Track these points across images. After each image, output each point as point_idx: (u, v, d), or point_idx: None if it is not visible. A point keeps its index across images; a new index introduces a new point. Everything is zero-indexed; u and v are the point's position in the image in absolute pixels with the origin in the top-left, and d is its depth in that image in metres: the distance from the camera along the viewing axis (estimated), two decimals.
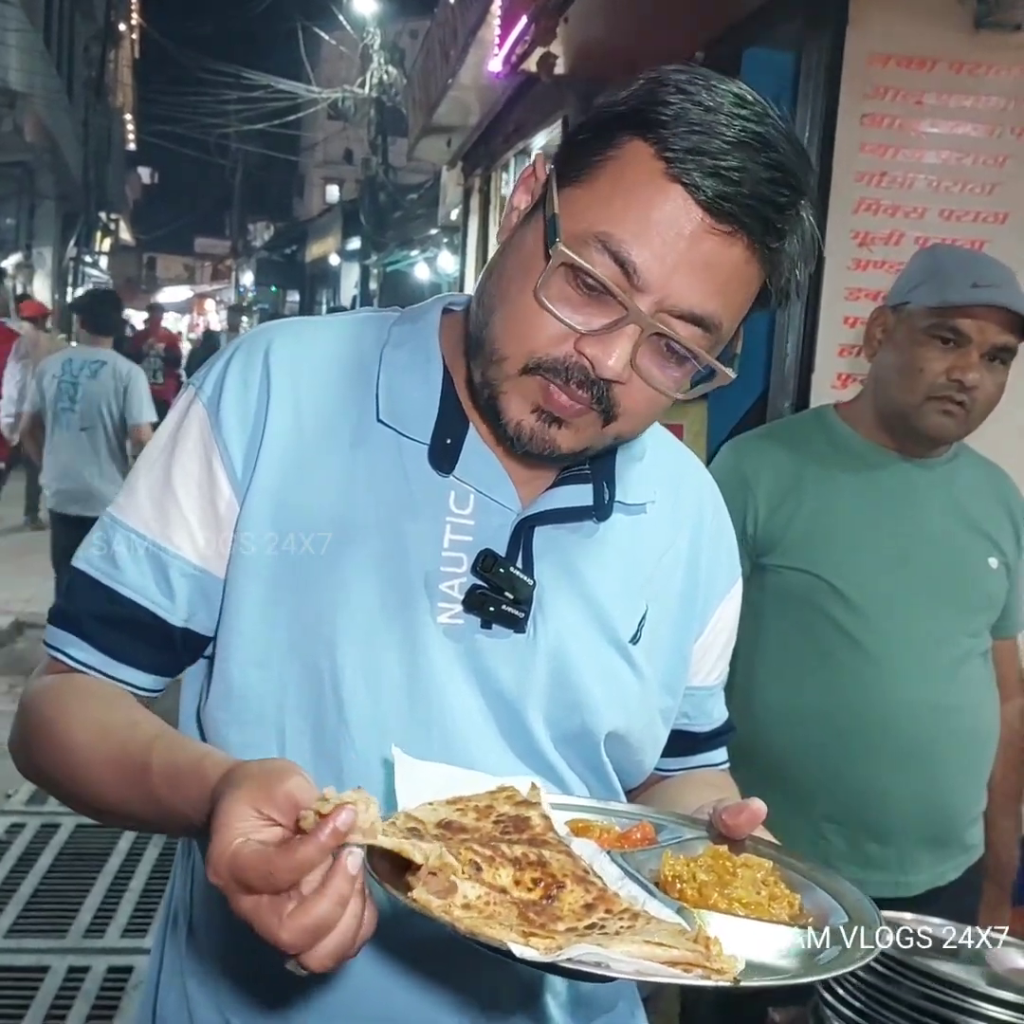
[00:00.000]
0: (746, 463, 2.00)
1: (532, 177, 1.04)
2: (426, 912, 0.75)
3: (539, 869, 0.82)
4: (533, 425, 1.00)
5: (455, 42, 8.27)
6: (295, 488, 1.05)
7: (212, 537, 1.06)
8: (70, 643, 1.08)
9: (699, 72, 0.96)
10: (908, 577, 1.93)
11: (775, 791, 1.82)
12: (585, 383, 0.97)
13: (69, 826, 4.37)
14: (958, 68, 3.26)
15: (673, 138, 0.92)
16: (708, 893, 0.87)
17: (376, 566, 1.04)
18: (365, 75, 21.15)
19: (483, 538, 1.06)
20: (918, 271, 1.96)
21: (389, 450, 1.06)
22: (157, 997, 1.16)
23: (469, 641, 1.05)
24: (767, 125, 0.94)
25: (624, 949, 0.73)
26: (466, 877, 0.78)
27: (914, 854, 1.94)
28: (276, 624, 1.04)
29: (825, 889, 0.92)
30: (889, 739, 1.89)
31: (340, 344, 1.11)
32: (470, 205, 12.00)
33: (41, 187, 19.58)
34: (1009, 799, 2.12)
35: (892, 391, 1.94)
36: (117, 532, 1.09)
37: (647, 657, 1.14)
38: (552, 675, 1.08)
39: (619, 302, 0.94)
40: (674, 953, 0.74)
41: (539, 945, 0.73)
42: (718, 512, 1.25)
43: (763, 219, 0.93)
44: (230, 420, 1.06)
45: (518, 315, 0.98)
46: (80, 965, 3.45)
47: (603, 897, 0.81)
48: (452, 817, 0.88)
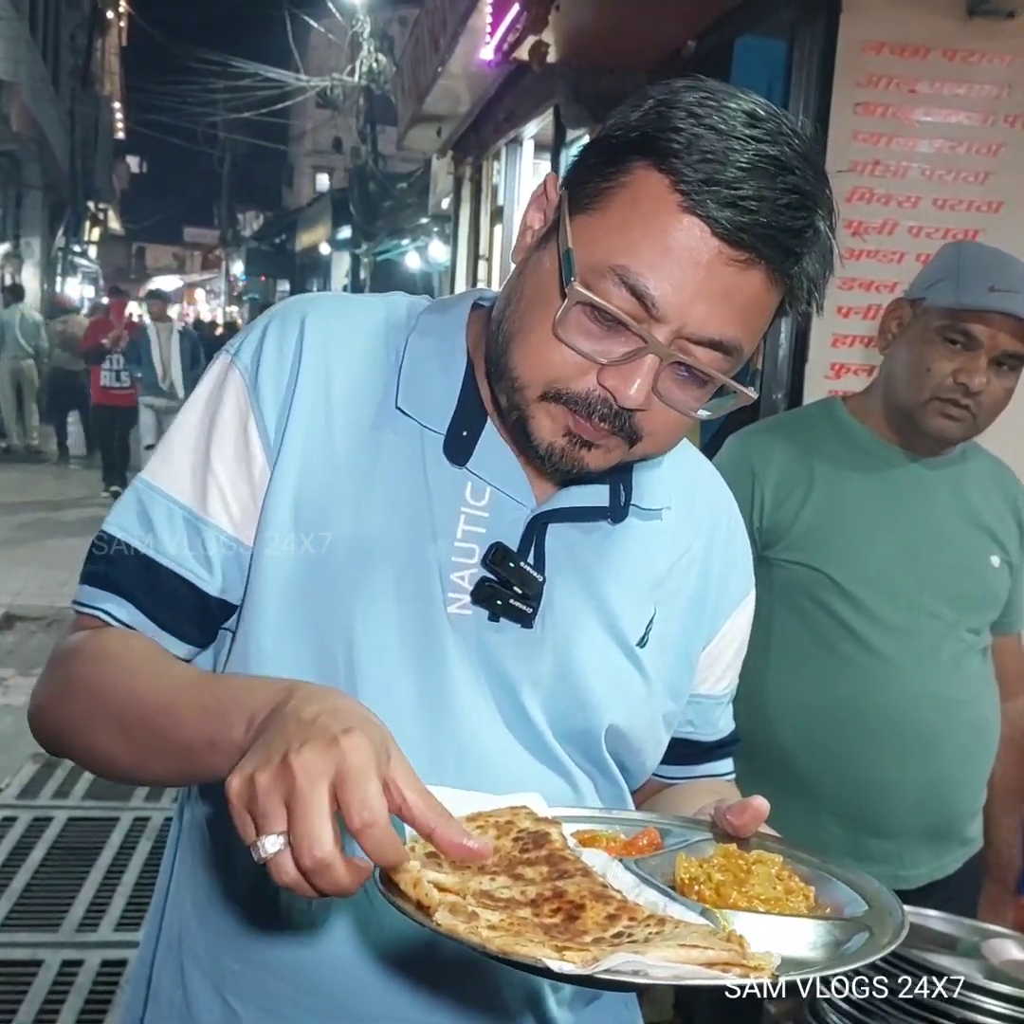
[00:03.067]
0: (754, 455, 1.99)
1: (544, 197, 1.03)
2: (453, 936, 0.74)
3: (556, 900, 0.81)
4: (564, 446, 1.01)
5: (445, 30, 8.23)
6: (317, 468, 1.05)
7: (246, 505, 1.06)
8: (109, 600, 1.06)
9: (709, 90, 0.95)
10: (912, 574, 1.92)
11: (777, 783, 1.83)
12: (608, 416, 0.98)
13: (61, 819, 4.35)
14: (951, 56, 3.26)
15: (687, 169, 0.91)
16: (727, 892, 0.87)
17: (392, 552, 1.04)
18: (354, 63, 21.04)
19: (496, 531, 1.06)
20: (939, 267, 1.94)
21: (411, 436, 1.07)
22: (152, 974, 1.16)
23: (475, 633, 1.05)
24: (781, 145, 0.93)
25: (661, 954, 0.72)
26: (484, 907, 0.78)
27: (914, 847, 1.94)
28: (294, 601, 1.04)
29: (840, 879, 0.92)
30: (891, 733, 1.89)
31: (370, 326, 1.11)
32: (461, 194, 11.97)
33: (28, 177, 19.50)
34: (1011, 796, 2.11)
35: (899, 388, 1.93)
36: (154, 500, 1.07)
37: (653, 661, 1.13)
38: (556, 672, 1.07)
39: (636, 334, 0.94)
40: (710, 954, 0.73)
41: (575, 958, 0.72)
42: (733, 521, 1.24)
43: (782, 247, 0.93)
44: (267, 386, 1.06)
45: (537, 347, 0.99)
46: (73, 959, 3.43)
47: (624, 907, 0.80)
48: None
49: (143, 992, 1.17)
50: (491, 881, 0.83)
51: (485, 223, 10.72)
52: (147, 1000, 1.16)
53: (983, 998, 1.28)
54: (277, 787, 0.76)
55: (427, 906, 0.77)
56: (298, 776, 0.76)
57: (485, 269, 10.53)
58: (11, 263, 17.57)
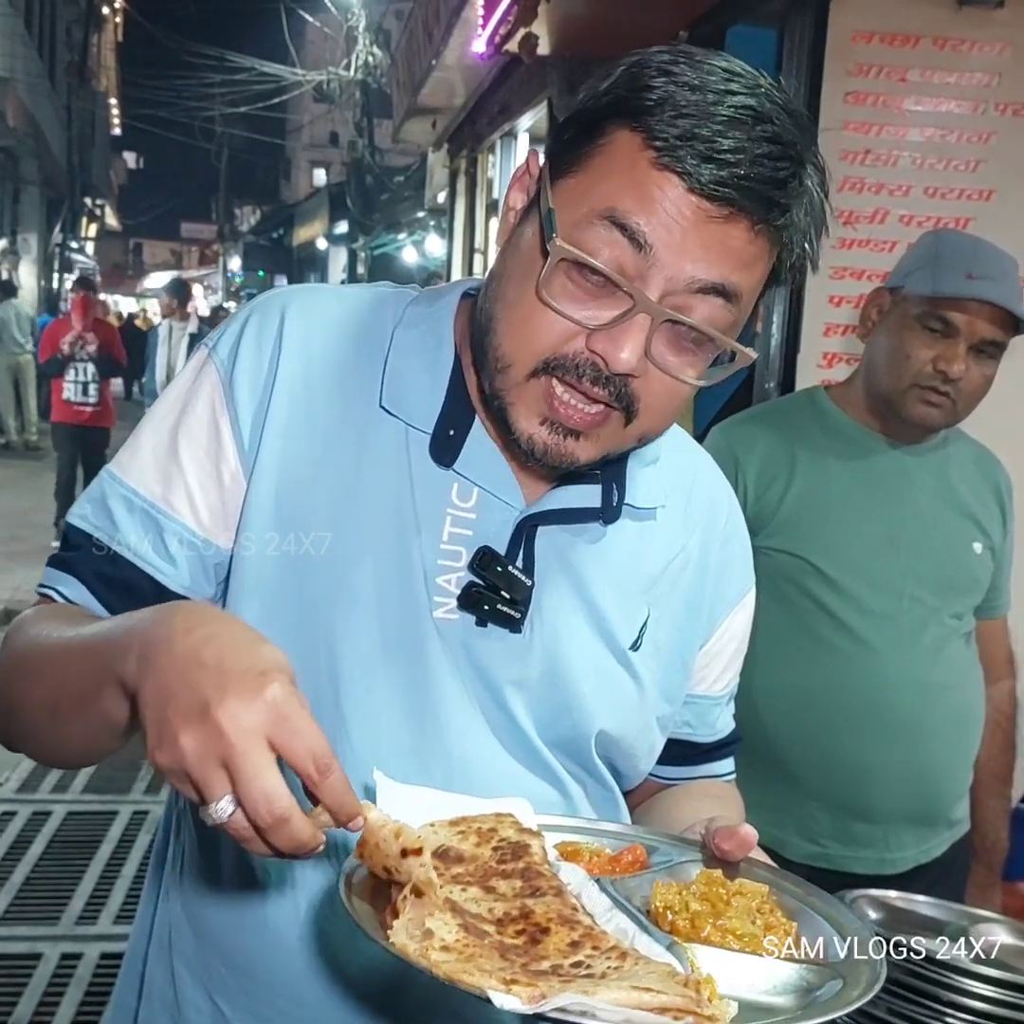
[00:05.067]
0: (737, 444, 2.00)
1: (526, 175, 1.00)
2: (403, 956, 0.72)
3: (522, 921, 0.79)
4: (546, 439, 0.96)
5: (438, 22, 8.22)
6: (299, 469, 1.02)
7: (215, 506, 1.03)
8: (63, 582, 1.04)
9: (682, 50, 0.91)
10: (894, 560, 1.94)
11: (764, 769, 1.85)
12: (599, 380, 0.92)
13: (60, 813, 4.38)
14: (942, 45, 3.25)
15: (660, 125, 0.88)
16: (701, 924, 0.84)
17: (376, 555, 1.01)
18: (350, 57, 21.00)
19: (483, 534, 1.02)
20: (918, 256, 1.95)
21: (395, 435, 1.03)
22: (145, 972, 1.15)
23: (461, 638, 1.02)
24: (759, 96, 0.89)
25: (612, 996, 0.69)
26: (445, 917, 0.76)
27: (899, 831, 1.95)
28: (275, 605, 1.02)
29: (822, 915, 0.89)
30: (874, 717, 1.90)
31: (354, 320, 1.07)
32: (456, 187, 11.96)
33: (25, 172, 19.48)
34: (996, 779, 2.13)
35: (880, 375, 1.94)
36: (116, 490, 1.05)
37: (647, 664, 1.11)
38: (545, 678, 1.05)
39: (625, 292, 0.90)
40: (663, 999, 0.69)
41: (521, 994, 0.69)
42: (732, 517, 1.21)
43: (764, 198, 0.89)
44: (243, 385, 1.03)
45: (521, 317, 0.94)
46: (73, 952, 3.46)
47: (590, 935, 0.78)
48: (452, 843, 0.85)
49: (136, 987, 1.16)
50: (462, 892, 0.81)
51: (480, 216, 10.72)
52: (140, 995, 1.15)
53: (970, 981, 1.28)
54: (211, 750, 0.73)
55: (416, 849, 0.76)
56: (232, 736, 0.73)
57: (480, 262, 10.52)
58: (8, 259, 17.55)
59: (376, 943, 0.74)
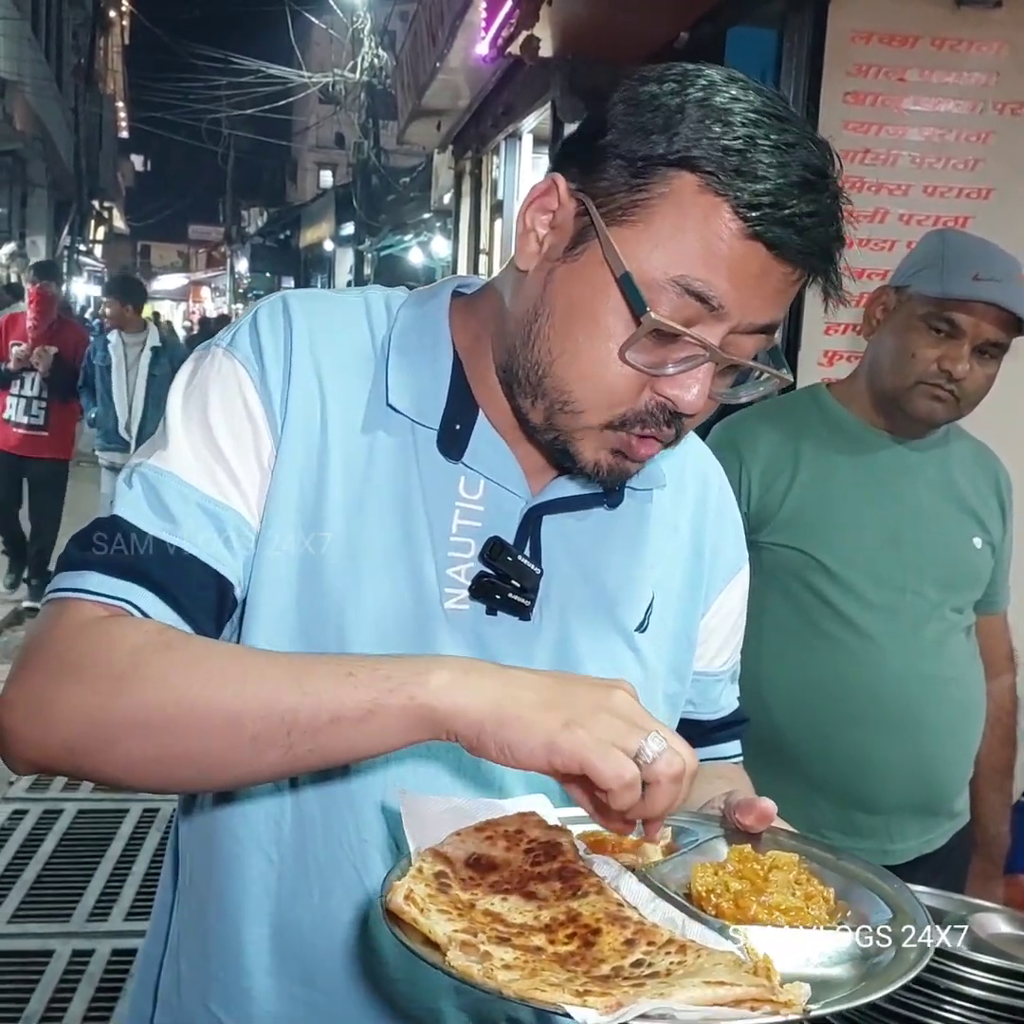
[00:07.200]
0: (741, 441, 2.02)
1: (549, 198, 1.00)
2: (467, 979, 0.70)
3: (571, 925, 0.78)
4: (611, 462, 1.02)
5: (442, 25, 8.25)
6: (314, 464, 1.03)
7: (259, 495, 1.03)
8: (130, 590, 0.96)
9: (724, 89, 0.93)
10: (897, 555, 1.96)
11: (769, 760, 1.86)
12: (671, 421, 0.99)
13: (71, 812, 4.41)
14: (940, 45, 3.28)
15: (745, 194, 0.90)
16: (745, 904, 0.84)
17: (386, 550, 1.03)
18: (356, 59, 21.03)
19: (492, 525, 1.05)
20: (924, 255, 1.97)
21: (402, 432, 1.05)
22: (160, 977, 1.15)
23: (472, 626, 1.04)
24: (808, 143, 0.93)
25: (688, 996, 0.68)
26: (496, 944, 0.75)
27: (901, 822, 1.97)
28: (289, 602, 1.02)
29: (858, 880, 0.89)
30: (877, 709, 1.92)
31: (352, 322, 1.09)
32: (461, 189, 11.98)
33: (33, 175, 19.53)
34: (998, 773, 2.15)
35: (884, 373, 1.96)
36: (167, 485, 1.00)
37: (653, 644, 1.13)
38: (554, 662, 1.07)
39: (700, 345, 0.94)
40: (738, 991, 0.69)
41: (598, 1004, 0.68)
42: (723, 492, 1.24)
43: (829, 254, 0.95)
44: (272, 375, 1.03)
45: (597, 370, 0.97)
46: (84, 948, 3.48)
47: (642, 930, 0.77)
48: (481, 850, 0.85)
49: (151, 994, 1.16)
50: (503, 902, 0.80)
51: (485, 217, 10.74)
52: (155, 1003, 1.15)
53: (968, 969, 1.30)
54: (614, 725, 0.83)
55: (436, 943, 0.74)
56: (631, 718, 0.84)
57: (486, 263, 10.54)
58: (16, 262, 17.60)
59: (437, 968, 0.73)
